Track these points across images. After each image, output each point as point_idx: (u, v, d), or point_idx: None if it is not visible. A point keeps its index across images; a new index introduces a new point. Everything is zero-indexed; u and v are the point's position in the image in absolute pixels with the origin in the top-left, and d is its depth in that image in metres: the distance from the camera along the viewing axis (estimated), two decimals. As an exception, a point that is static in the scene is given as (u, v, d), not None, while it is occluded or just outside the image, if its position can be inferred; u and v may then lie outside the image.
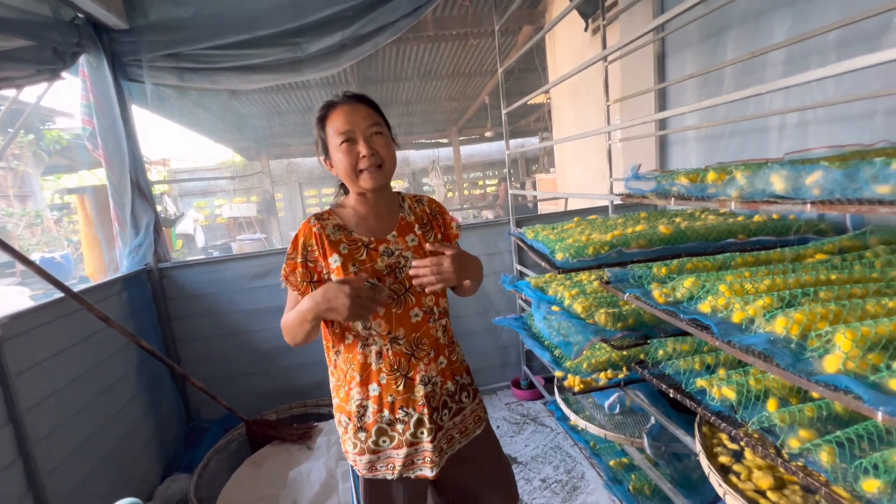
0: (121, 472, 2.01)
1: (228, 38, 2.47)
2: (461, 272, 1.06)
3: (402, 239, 1.14)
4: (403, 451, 1.10)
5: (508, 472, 1.35)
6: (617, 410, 1.90)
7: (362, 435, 1.10)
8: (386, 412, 1.09)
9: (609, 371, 1.72)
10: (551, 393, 2.14)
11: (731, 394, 0.96)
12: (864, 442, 0.78)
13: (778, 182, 0.79)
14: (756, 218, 1.69)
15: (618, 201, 2.41)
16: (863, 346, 0.64)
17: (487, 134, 10.65)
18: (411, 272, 1.06)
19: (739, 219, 1.77)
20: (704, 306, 0.94)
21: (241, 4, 2.42)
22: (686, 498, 1.45)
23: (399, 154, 1.20)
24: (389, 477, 1.12)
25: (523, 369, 2.96)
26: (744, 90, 1.12)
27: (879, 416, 0.55)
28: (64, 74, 2.25)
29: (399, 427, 1.10)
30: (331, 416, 2.51)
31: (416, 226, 1.18)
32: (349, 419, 1.12)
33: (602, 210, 2.97)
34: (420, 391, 1.10)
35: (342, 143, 1.06)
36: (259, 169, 11.72)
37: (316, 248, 1.08)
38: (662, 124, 2.87)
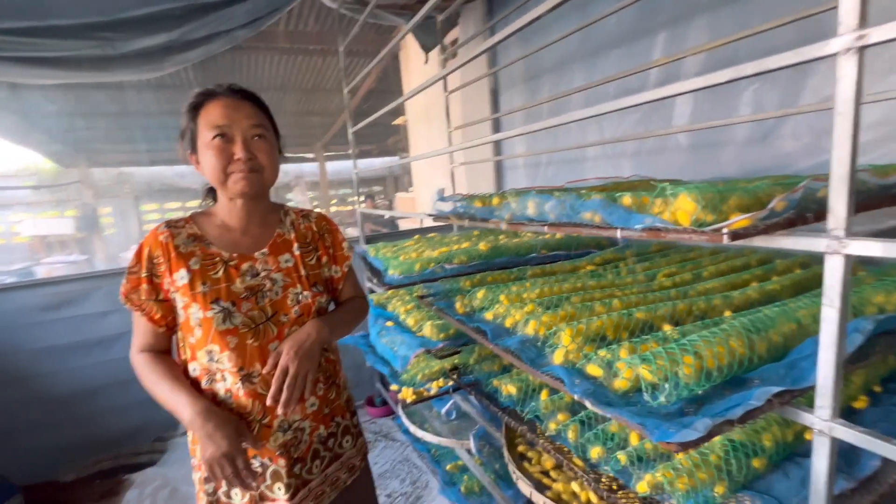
0: None
1: (7, 22, 2.05)
2: (313, 356, 0.95)
3: (274, 258, 1.01)
4: None
5: None
6: (454, 417, 2.02)
7: (209, 486, 0.96)
8: None
9: (441, 380, 1.83)
10: (400, 408, 2.20)
11: (513, 389, 1.10)
12: (598, 419, 0.96)
13: (532, 207, 0.94)
14: (557, 235, 1.99)
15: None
16: (579, 341, 0.80)
17: (350, 151, 10.62)
18: (270, 406, 0.92)
19: (547, 236, 2.06)
20: (489, 314, 1.07)
21: (26, -14, 2.04)
22: (504, 491, 1.60)
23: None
24: None
25: (377, 387, 2.96)
26: (533, 124, 1.32)
27: (576, 396, 0.69)
28: None
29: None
30: (151, 464, 2.19)
31: (296, 245, 1.04)
32: (198, 467, 0.98)
33: (448, 228, 3.17)
34: (277, 439, 0.96)
35: (214, 137, 0.92)
36: (76, 178, 9.81)
37: (162, 260, 0.93)
38: (497, 152, 3.20)
